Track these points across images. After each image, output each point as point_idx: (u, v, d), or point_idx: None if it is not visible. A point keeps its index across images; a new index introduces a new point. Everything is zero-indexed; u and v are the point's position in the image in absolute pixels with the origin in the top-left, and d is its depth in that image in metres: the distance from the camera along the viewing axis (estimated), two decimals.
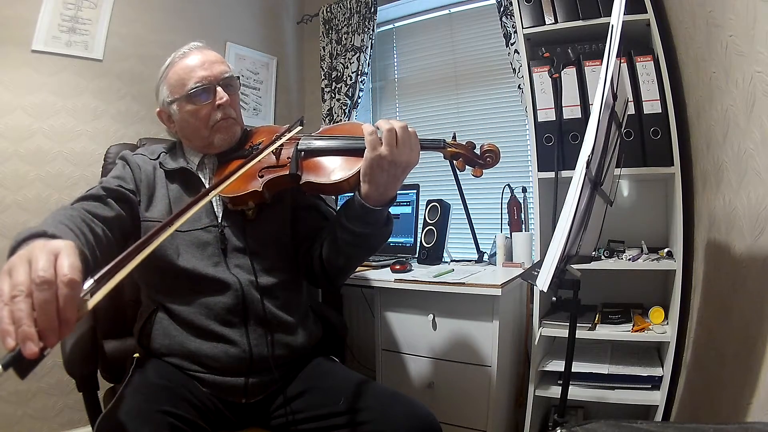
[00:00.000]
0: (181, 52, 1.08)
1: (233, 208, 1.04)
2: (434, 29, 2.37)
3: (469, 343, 1.42)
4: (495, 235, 1.79)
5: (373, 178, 0.92)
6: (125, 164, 1.08)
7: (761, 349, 0.86)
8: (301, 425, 0.99)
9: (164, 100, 1.08)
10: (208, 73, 1.04)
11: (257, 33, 2.44)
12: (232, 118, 1.07)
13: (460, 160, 1.03)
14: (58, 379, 1.69)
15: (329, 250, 1.03)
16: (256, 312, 1.00)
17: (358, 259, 1.07)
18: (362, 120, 2.46)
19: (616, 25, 0.80)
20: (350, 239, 0.98)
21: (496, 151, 1.02)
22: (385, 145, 0.89)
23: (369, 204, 0.94)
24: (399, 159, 0.90)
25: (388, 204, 0.97)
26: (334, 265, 1.04)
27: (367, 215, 0.95)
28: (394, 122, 0.92)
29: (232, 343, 0.97)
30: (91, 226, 0.86)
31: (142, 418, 0.81)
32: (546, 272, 0.76)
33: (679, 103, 1.39)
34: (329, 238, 1.03)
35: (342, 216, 0.99)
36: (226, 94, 1.05)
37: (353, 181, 0.97)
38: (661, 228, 1.60)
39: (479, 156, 1.02)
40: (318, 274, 1.07)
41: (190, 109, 1.04)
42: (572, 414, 1.60)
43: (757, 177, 0.91)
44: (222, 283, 0.99)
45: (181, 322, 0.99)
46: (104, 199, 0.96)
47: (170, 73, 1.06)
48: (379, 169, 0.91)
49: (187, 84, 1.03)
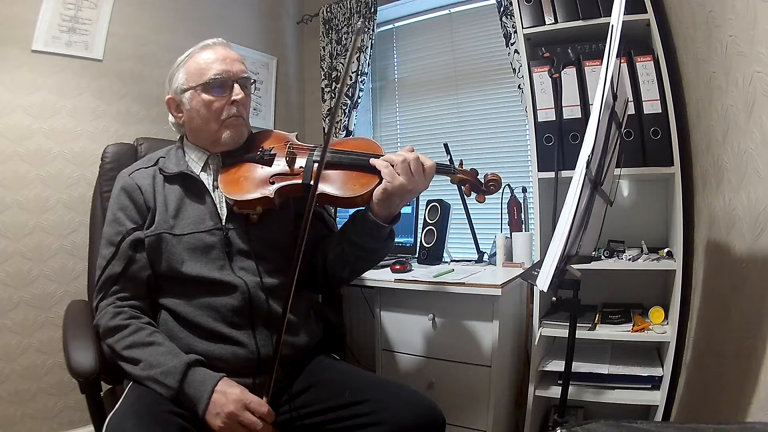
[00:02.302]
0: (204, 44, 1.09)
1: (238, 212, 1.04)
2: (434, 29, 2.37)
3: (469, 343, 1.42)
4: (495, 235, 1.79)
5: (389, 203, 1.00)
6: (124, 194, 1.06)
7: (761, 349, 0.86)
8: (306, 419, 1.01)
9: (179, 86, 1.07)
10: (228, 68, 1.06)
11: (257, 33, 2.44)
12: (242, 117, 1.09)
13: (467, 186, 1.11)
14: (58, 379, 1.69)
15: (335, 263, 1.08)
16: (262, 313, 1.01)
17: (361, 270, 1.14)
18: (362, 120, 2.46)
19: (616, 25, 0.80)
20: (358, 253, 1.04)
21: (498, 180, 1.11)
22: (403, 175, 0.97)
23: (380, 221, 1.01)
24: (415, 187, 0.99)
25: (395, 220, 1.05)
26: (338, 276, 1.10)
27: (378, 231, 1.01)
28: (407, 154, 0.99)
29: (240, 345, 0.98)
30: (153, 327, 1.00)
31: (152, 419, 0.82)
32: (546, 272, 0.76)
33: (679, 103, 1.39)
34: (335, 251, 1.07)
35: (350, 232, 1.04)
36: (242, 92, 1.06)
37: (367, 197, 1.01)
38: (661, 228, 1.60)
39: (483, 184, 1.11)
40: (320, 282, 1.12)
41: (204, 99, 1.04)
42: (572, 414, 1.60)
43: (757, 177, 0.91)
44: (229, 285, 1.00)
45: (186, 324, 1.00)
46: (126, 273, 1.01)
47: (190, 61, 1.07)
48: (398, 197, 0.99)
49: (206, 74, 1.04)
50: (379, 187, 0.98)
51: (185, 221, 1.03)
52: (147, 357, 0.92)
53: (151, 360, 0.92)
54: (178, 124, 1.13)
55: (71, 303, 1.32)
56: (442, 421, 0.99)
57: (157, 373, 0.90)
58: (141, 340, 0.95)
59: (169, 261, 1.00)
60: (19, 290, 1.64)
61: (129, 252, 1.01)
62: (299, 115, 2.67)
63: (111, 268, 1.01)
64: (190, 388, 0.89)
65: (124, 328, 0.96)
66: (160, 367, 0.90)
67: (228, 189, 1.04)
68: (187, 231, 1.02)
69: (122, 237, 1.02)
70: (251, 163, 1.08)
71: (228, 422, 0.86)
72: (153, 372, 0.90)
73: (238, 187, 1.03)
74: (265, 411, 0.88)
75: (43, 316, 1.68)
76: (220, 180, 1.06)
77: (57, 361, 1.68)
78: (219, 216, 1.05)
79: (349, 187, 1.01)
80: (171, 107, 1.11)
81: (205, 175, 1.09)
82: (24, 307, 1.65)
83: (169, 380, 0.89)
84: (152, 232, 1.01)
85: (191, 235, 1.01)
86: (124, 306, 1.00)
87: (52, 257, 1.70)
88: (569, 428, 0.65)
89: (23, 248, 1.66)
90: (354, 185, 1.01)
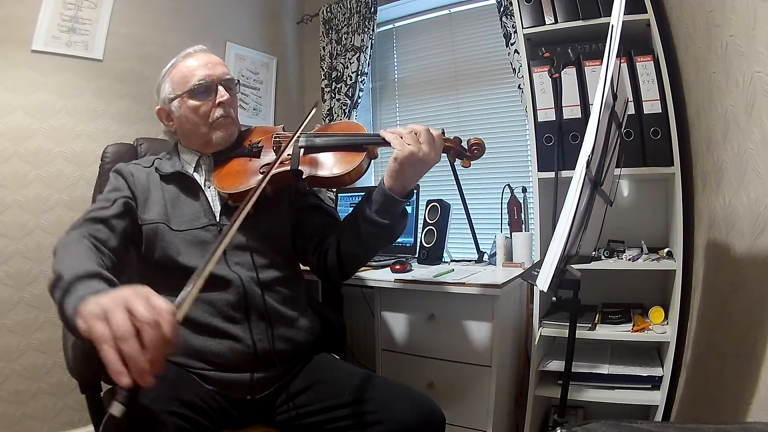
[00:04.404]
0: (186, 53, 1.13)
1: (233, 204, 1.07)
2: (434, 29, 2.37)
3: (469, 343, 1.42)
4: (495, 235, 1.79)
5: (401, 174, 1.00)
6: (117, 175, 1.10)
7: (761, 349, 0.86)
8: (306, 419, 1.01)
9: (166, 96, 1.10)
10: (210, 72, 1.09)
11: (257, 33, 2.44)
12: (230, 117, 1.11)
13: (451, 152, 1.11)
14: (58, 379, 1.69)
15: (349, 242, 1.08)
16: (257, 307, 1.01)
17: (376, 249, 1.14)
18: (363, 120, 2.46)
19: (616, 25, 0.80)
20: (373, 230, 1.04)
21: (481, 143, 1.11)
22: (413, 144, 0.98)
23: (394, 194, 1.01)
24: (425, 157, 0.99)
25: (409, 196, 1.05)
26: (352, 255, 1.10)
27: (392, 206, 1.02)
28: (415, 125, 1.01)
29: (236, 339, 0.99)
30: (103, 255, 0.90)
31: (149, 420, 0.81)
32: (546, 272, 0.76)
33: (679, 103, 1.39)
34: (350, 230, 1.08)
35: (365, 209, 1.04)
36: (227, 93, 1.09)
37: (354, 175, 1.04)
38: (661, 228, 1.60)
39: (467, 149, 1.11)
40: (331, 267, 1.11)
41: (192, 105, 1.08)
42: (572, 414, 1.60)
43: (757, 177, 0.91)
44: (223, 279, 1.00)
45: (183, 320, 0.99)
46: (108, 221, 0.98)
47: (174, 71, 1.11)
48: (410, 167, 0.99)
49: (191, 81, 1.07)
50: (390, 159, 1.00)
51: (181, 218, 1.05)
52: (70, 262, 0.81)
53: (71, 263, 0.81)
54: (170, 133, 1.17)
55: None
56: (442, 421, 0.99)
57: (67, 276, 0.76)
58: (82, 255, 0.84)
59: (165, 250, 1.01)
60: (19, 290, 1.64)
61: (121, 208, 1.01)
62: (299, 115, 2.67)
63: (98, 211, 0.97)
64: (77, 290, 0.73)
65: (78, 243, 0.88)
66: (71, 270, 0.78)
67: (221, 184, 1.07)
68: (183, 227, 1.04)
69: (119, 197, 1.03)
70: (241, 158, 1.12)
71: (107, 304, 0.62)
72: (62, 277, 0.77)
73: (230, 181, 1.07)
74: (169, 311, 0.63)
75: (43, 316, 1.68)
76: (213, 177, 1.10)
77: (57, 361, 1.68)
78: (213, 212, 1.07)
79: (335, 166, 1.04)
80: (162, 117, 1.15)
81: (197, 174, 1.12)
82: (24, 307, 1.65)
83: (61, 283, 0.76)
84: (152, 221, 1.03)
85: (187, 231, 1.03)
86: (95, 242, 0.91)
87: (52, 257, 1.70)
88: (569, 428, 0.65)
89: (23, 248, 1.66)
90: (340, 164, 1.04)
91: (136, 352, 0.58)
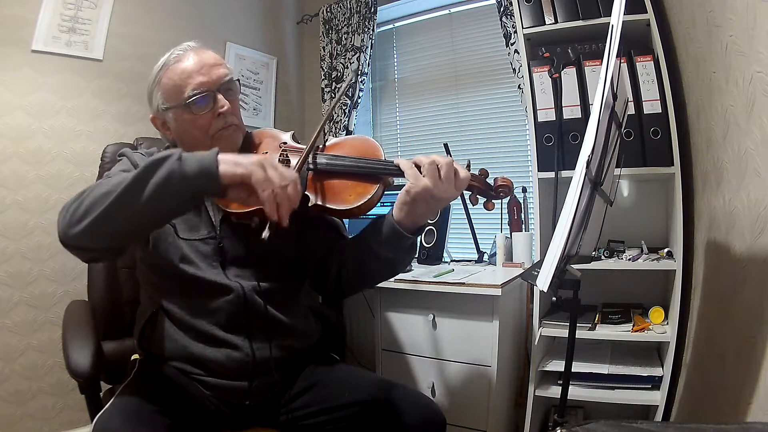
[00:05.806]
0: (175, 54, 1.00)
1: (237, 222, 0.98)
2: (434, 29, 2.37)
3: (469, 343, 1.42)
4: (495, 235, 1.79)
5: (412, 209, 0.89)
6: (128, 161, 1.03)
7: (761, 349, 0.86)
8: (306, 420, 1.00)
9: (159, 106, 1.00)
10: (206, 79, 0.97)
11: (257, 33, 2.44)
12: (234, 125, 1.01)
13: (474, 191, 0.97)
14: (58, 379, 1.69)
15: (350, 271, 1.00)
16: (257, 316, 0.99)
17: (378, 280, 1.07)
18: (362, 120, 2.46)
19: (616, 25, 0.80)
20: (376, 264, 0.96)
21: (509, 185, 0.97)
22: (429, 177, 0.86)
23: (402, 229, 0.90)
24: (442, 194, 0.87)
25: (419, 231, 0.94)
26: (353, 284, 1.03)
27: (399, 240, 0.91)
28: (439, 157, 0.88)
29: (235, 348, 0.97)
30: None
31: (140, 419, 0.81)
32: (546, 272, 0.76)
33: (679, 103, 1.39)
34: (352, 259, 0.99)
35: (370, 239, 0.94)
36: (227, 101, 0.98)
37: (364, 208, 0.92)
38: (661, 228, 1.60)
39: (492, 188, 0.98)
40: (330, 289, 1.04)
41: (188, 118, 0.97)
42: (572, 414, 1.60)
43: (757, 177, 0.91)
44: (224, 287, 0.98)
45: (182, 325, 0.98)
46: None
47: (164, 78, 0.98)
48: (422, 204, 0.88)
49: (185, 91, 0.96)
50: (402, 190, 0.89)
51: (184, 225, 1.01)
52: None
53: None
54: (169, 140, 1.07)
55: (71, 303, 1.32)
56: (442, 421, 0.99)
57: (155, 156, 0.79)
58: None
59: (167, 253, 0.98)
60: (19, 290, 1.64)
61: None
62: (299, 116, 2.67)
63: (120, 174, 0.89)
64: (193, 157, 0.79)
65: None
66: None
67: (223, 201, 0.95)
68: (186, 236, 1.00)
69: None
70: None
71: (260, 161, 0.79)
72: (150, 159, 0.79)
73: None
74: (296, 175, 0.83)
75: (43, 316, 1.68)
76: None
77: (57, 361, 1.68)
78: (213, 224, 1.02)
79: (344, 197, 0.93)
80: (157, 126, 1.05)
81: None
82: (24, 307, 1.65)
83: (171, 157, 0.78)
84: None
85: (189, 241, 1.00)
86: None
87: (52, 257, 1.70)
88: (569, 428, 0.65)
89: (23, 248, 1.66)
90: (350, 195, 0.93)
91: (288, 198, 0.79)
